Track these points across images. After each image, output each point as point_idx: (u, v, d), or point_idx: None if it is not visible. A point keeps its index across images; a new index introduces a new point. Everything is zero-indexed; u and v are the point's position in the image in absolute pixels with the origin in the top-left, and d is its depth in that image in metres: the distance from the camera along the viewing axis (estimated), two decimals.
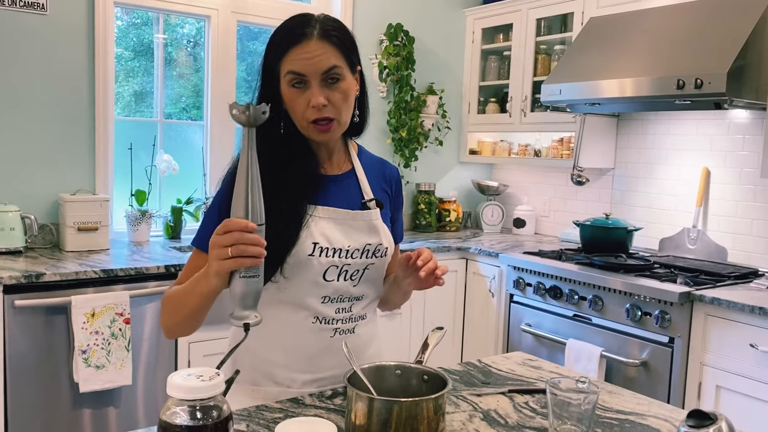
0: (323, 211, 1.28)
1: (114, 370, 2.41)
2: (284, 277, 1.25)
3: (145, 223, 3.04)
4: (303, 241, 1.24)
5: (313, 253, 1.25)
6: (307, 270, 1.25)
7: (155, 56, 3.25)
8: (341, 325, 1.29)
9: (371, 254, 1.31)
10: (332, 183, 1.32)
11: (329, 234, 1.26)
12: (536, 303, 2.98)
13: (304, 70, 1.20)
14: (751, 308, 2.25)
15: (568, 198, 3.78)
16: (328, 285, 1.27)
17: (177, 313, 1.22)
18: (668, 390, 2.49)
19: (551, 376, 1.44)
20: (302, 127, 1.25)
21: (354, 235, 1.29)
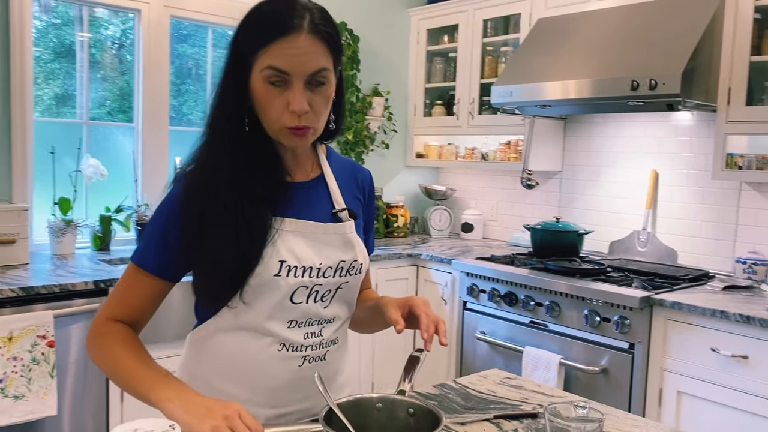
0: (291, 224, 1.11)
1: (36, 400, 2.15)
2: (243, 303, 1.08)
3: (70, 233, 2.78)
4: (268, 260, 1.07)
5: (279, 273, 1.08)
6: (272, 292, 1.08)
7: (77, 57, 2.98)
8: (311, 351, 1.13)
9: (345, 272, 1.15)
10: (299, 191, 1.15)
11: (298, 250, 1.10)
12: (491, 310, 2.89)
13: (289, 67, 1.02)
14: (712, 312, 2.22)
15: (515, 202, 3.72)
16: (296, 308, 1.11)
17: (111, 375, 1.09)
18: (629, 397, 2.44)
19: (535, 396, 1.32)
20: (273, 130, 1.07)
21: (326, 251, 1.13)
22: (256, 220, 1.06)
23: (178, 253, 1.07)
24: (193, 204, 1.06)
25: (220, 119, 1.08)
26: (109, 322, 1.09)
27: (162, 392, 0.98)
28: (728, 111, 2.57)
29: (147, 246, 1.10)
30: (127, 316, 1.10)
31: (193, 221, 1.05)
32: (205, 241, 1.04)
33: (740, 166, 2.62)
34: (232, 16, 3.30)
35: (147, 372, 1.03)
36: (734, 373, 2.19)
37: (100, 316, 1.11)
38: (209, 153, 1.08)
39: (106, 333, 1.09)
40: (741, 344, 2.18)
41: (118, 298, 1.11)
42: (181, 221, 1.06)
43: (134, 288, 1.10)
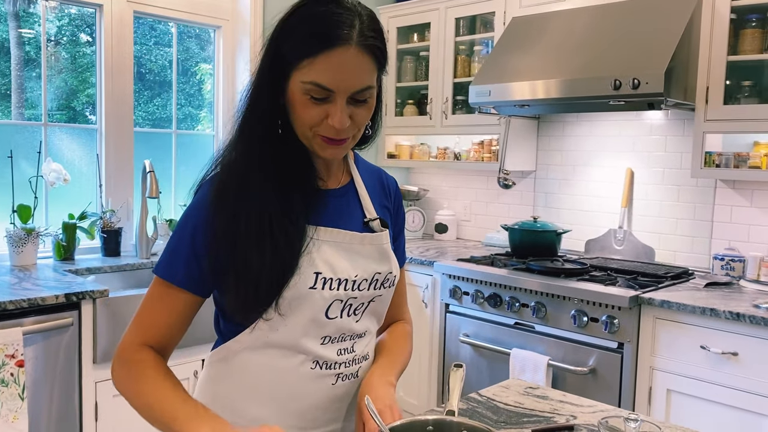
0: (326, 234, 1.04)
1: (5, 424, 1.99)
2: (279, 315, 1.00)
3: (32, 243, 2.60)
4: (303, 271, 0.99)
5: (315, 286, 1.00)
6: (307, 306, 1.00)
7: (12, 55, 2.77)
8: (344, 369, 1.06)
9: (380, 285, 1.08)
10: (332, 198, 1.08)
11: (333, 261, 1.03)
12: (474, 312, 2.85)
13: (333, 85, 0.94)
14: (702, 310, 2.23)
15: (489, 201, 3.70)
16: (330, 323, 1.03)
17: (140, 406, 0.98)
18: (618, 396, 2.43)
19: (564, 407, 1.28)
20: (305, 136, 0.99)
21: (361, 263, 1.06)
22: (291, 228, 0.98)
23: (208, 264, 0.98)
24: (224, 210, 0.97)
25: (251, 120, 1.00)
26: (138, 349, 1.00)
27: (198, 428, 0.88)
28: (706, 110, 2.60)
29: (173, 257, 1.00)
30: (157, 339, 1.01)
31: (225, 229, 0.97)
32: (238, 251, 0.96)
33: (718, 164, 2.66)
34: (198, 12, 3.17)
35: (181, 406, 0.94)
36: (724, 370, 2.21)
37: (127, 341, 1.01)
38: (240, 156, 1.00)
39: (136, 361, 0.99)
40: (730, 341, 2.20)
41: (146, 319, 1.01)
42: (211, 229, 0.98)
43: (162, 305, 1.00)
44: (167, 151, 3.24)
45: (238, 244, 0.96)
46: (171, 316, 1.00)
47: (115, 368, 1.01)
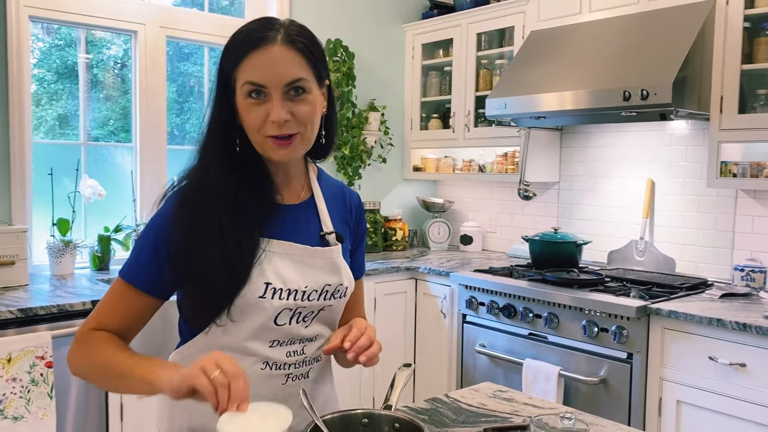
0: (279, 246, 1.12)
1: (35, 421, 2.16)
2: (231, 321, 1.08)
3: (69, 254, 2.79)
4: (254, 281, 1.08)
5: (264, 295, 1.08)
6: (257, 313, 1.08)
7: (80, 78, 3.01)
8: (294, 369, 1.14)
9: (330, 295, 1.16)
10: (289, 213, 1.16)
11: (284, 273, 1.10)
12: (490, 322, 2.89)
13: (263, 79, 1.04)
14: (708, 320, 2.21)
15: (514, 213, 3.73)
16: (279, 329, 1.11)
17: (100, 377, 1.08)
18: (629, 407, 2.43)
19: (525, 408, 1.33)
20: (257, 143, 1.08)
21: (312, 275, 1.14)
22: (244, 240, 1.06)
23: (167, 269, 1.07)
24: (183, 221, 1.07)
25: (210, 138, 1.10)
26: (93, 331, 1.09)
27: (155, 371, 0.98)
28: (721, 119, 2.58)
29: (136, 261, 1.10)
30: (113, 330, 1.10)
31: (183, 238, 1.06)
32: (193, 259, 1.05)
33: (735, 174, 2.63)
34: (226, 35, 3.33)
35: (134, 359, 1.03)
36: (732, 382, 2.19)
37: (85, 327, 1.10)
38: (200, 171, 1.09)
39: (90, 338, 1.08)
40: (738, 352, 2.18)
41: (105, 311, 1.10)
42: (171, 238, 1.06)
43: (122, 303, 1.10)
44: None
45: (195, 253, 1.05)
46: (127, 313, 1.10)
47: (71, 350, 1.10)
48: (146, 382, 0.99)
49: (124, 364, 1.03)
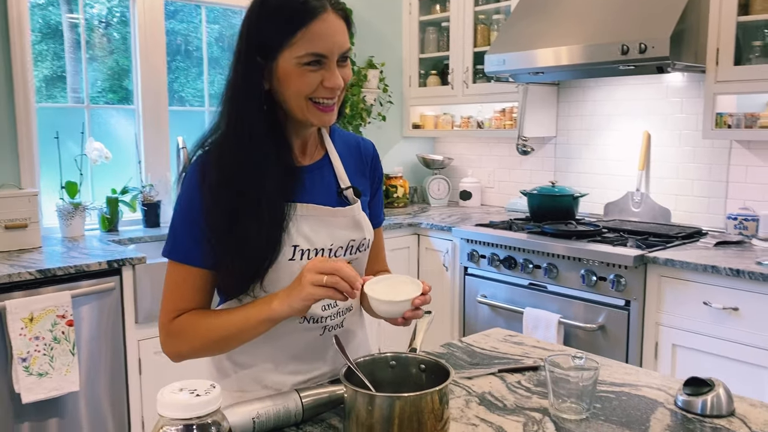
0: (301, 209, 1.15)
1: (59, 377, 2.25)
2: (264, 291, 1.13)
3: (79, 216, 2.85)
4: (283, 246, 1.12)
5: (293, 257, 1.13)
6: (288, 275, 1.12)
7: (66, 38, 3.00)
8: (329, 321, 1.20)
9: (355, 250, 1.22)
10: (306, 175, 1.19)
11: (310, 234, 1.15)
12: (491, 274, 2.98)
13: (326, 49, 1.05)
14: (703, 267, 2.31)
15: (512, 168, 3.79)
16: None
17: (217, 347, 1.14)
18: (626, 352, 2.54)
19: (535, 351, 1.41)
20: (299, 107, 1.09)
21: (336, 233, 1.19)
22: (274, 208, 1.10)
23: (207, 241, 1.09)
24: (213, 193, 1.08)
25: (236, 104, 1.10)
26: (174, 320, 1.13)
27: (276, 305, 1.05)
28: (717, 71, 2.63)
29: (176, 239, 1.13)
30: (188, 307, 1.13)
31: (216, 210, 1.08)
32: (228, 232, 1.07)
33: (729, 125, 2.69)
34: None
35: (241, 311, 1.09)
36: (726, 325, 2.29)
37: (163, 320, 1.14)
38: (224, 138, 1.11)
39: (182, 325, 1.12)
40: (732, 297, 2.28)
41: (176, 297, 1.13)
42: (204, 211, 1.08)
43: (186, 284, 1.12)
44: (201, 127, 3.43)
45: (228, 226, 1.08)
46: (197, 291, 1.13)
47: (165, 344, 1.14)
48: (268, 322, 1.07)
49: (237, 322, 1.09)
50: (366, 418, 0.94)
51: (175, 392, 0.75)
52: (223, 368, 1.21)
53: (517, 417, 1.09)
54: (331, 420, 1.09)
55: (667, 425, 1.06)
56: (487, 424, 1.07)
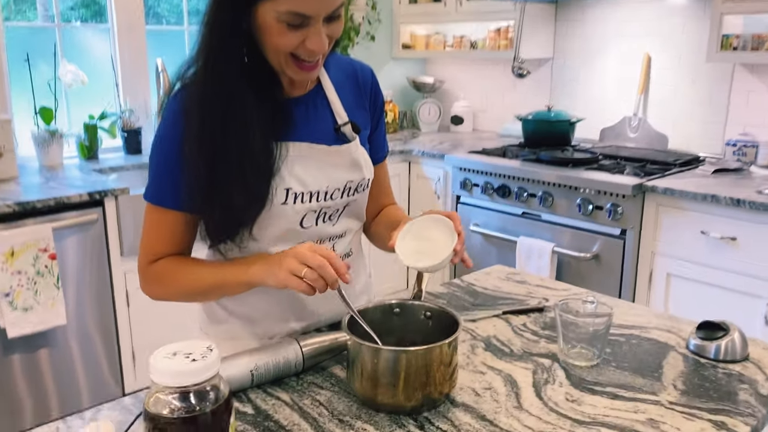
0: (294, 149, 1.05)
1: (44, 311, 2.19)
2: (254, 240, 1.06)
3: (56, 144, 2.72)
4: (274, 190, 1.03)
5: (286, 202, 1.04)
6: (280, 220, 1.05)
7: None
8: None
9: (353, 191, 1.13)
10: (297, 107, 1.07)
11: (304, 176, 1.06)
12: (484, 203, 2.92)
13: (311, 11, 0.92)
14: (703, 196, 2.26)
15: (506, 91, 3.67)
16: (306, 231, 1.09)
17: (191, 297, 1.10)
18: (620, 281, 2.53)
19: (539, 290, 1.37)
20: (277, 62, 0.98)
21: (333, 173, 1.09)
22: (260, 152, 0.99)
23: (188, 184, 1.00)
24: (193, 136, 0.98)
25: (211, 39, 0.98)
26: (152, 265, 1.06)
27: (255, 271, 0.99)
28: None
29: (155, 180, 1.04)
30: (172, 254, 1.06)
31: (196, 155, 0.98)
32: (209, 178, 0.98)
33: (735, 47, 2.58)
34: None
35: (223, 267, 1.03)
36: (722, 254, 2.27)
37: (141, 262, 1.07)
38: (202, 73, 0.99)
39: (159, 271, 1.06)
40: (730, 226, 2.24)
41: (154, 241, 1.06)
42: (183, 155, 0.99)
43: (165, 228, 1.04)
44: (181, 49, 3.26)
45: (210, 172, 0.97)
46: (176, 235, 1.05)
47: (143, 287, 1.08)
48: (245, 285, 1.02)
49: (215, 278, 1.03)
50: (371, 371, 0.90)
51: (169, 357, 0.69)
52: (215, 314, 1.15)
53: (526, 364, 1.05)
54: (333, 368, 1.04)
55: (680, 372, 1.03)
56: (495, 371, 1.03)
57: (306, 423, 0.89)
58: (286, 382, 1.00)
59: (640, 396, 0.95)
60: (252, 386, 0.98)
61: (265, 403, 0.94)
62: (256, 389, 0.98)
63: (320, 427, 0.88)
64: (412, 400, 0.89)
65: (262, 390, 0.98)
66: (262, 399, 0.95)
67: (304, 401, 0.95)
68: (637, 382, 0.99)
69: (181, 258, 1.07)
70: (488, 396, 0.96)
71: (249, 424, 0.89)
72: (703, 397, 0.95)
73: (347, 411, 0.92)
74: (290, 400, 0.95)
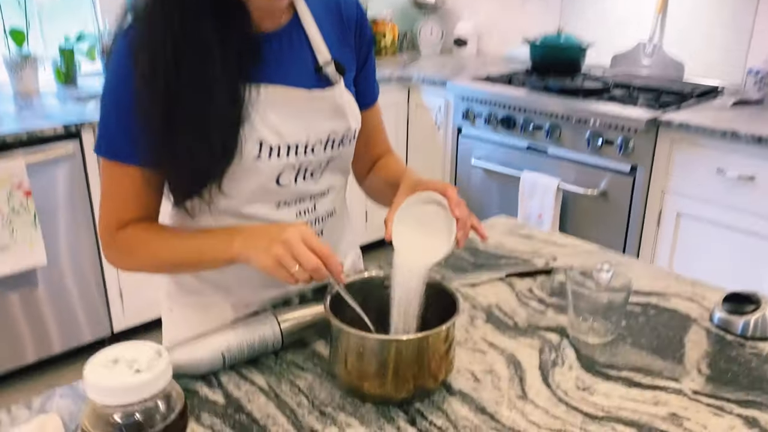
0: (267, 93, 0.89)
1: (23, 251, 2.09)
2: (224, 196, 0.92)
3: (30, 68, 2.53)
4: (244, 143, 0.88)
5: (259, 155, 0.90)
6: (253, 176, 0.91)
7: None
8: None
9: (338, 144, 0.98)
10: (269, 44, 0.91)
11: (279, 126, 0.90)
12: (487, 135, 2.76)
13: None
14: (722, 133, 2.11)
15: (513, 12, 3.42)
16: (283, 189, 0.95)
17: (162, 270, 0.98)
18: (627, 220, 2.41)
19: (546, 247, 1.25)
20: None
21: (313, 123, 0.94)
22: (224, 96, 0.84)
23: (143, 136, 0.85)
24: (145, 81, 0.82)
25: None
26: (117, 231, 0.92)
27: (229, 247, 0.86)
28: None
29: (107, 131, 0.89)
30: (133, 216, 0.92)
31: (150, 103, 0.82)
32: (165, 131, 0.83)
33: None
34: None
35: (198, 239, 0.90)
36: (739, 195, 2.14)
37: (104, 229, 0.93)
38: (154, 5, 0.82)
39: (122, 240, 0.92)
40: (749, 165, 2.10)
41: (116, 206, 0.92)
42: (136, 103, 0.83)
43: (126, 188, 0.90)
44: None
45: (165, 124, 0.83)
46: (140, 196, 0.91)
47: (108, 256, 0.96)
48: (226, 261, 0.88)
49: (190, 251, 0.90)
50: (356, 359, 0.79)
51: (107, 367, 0.58)
52: (185, 282, 1.03)
53: (531, 339, 0.95)
54: (316, 344, 0.94)
55: (705, 351, 0.92)
56: (496, 350, 0.92)
57: (283, 416, 0.79)
58: (263, 362, 0.89)
59: (660, 383, 0.85)
60: (225, 368, 0.87)
61: (238, 389, 0.84)
62: (229, 371, 0.87)
63: (298, 420, 0.78)
64: (402, 391, 0.79)
65: (236, 372, 0.87)
66: (235, 384, 0.85)
67: (282, 387, 0.84)
68: (656, 364, 0.89)
69: (153, 226, 0.94)
70: (489, 382, 0.85)
71: (218, 417, 0.79)
72: (731, 384, 0.85)
73: (330, 400, 0.82)
74: (267, 386, 0.84)
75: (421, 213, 0.86)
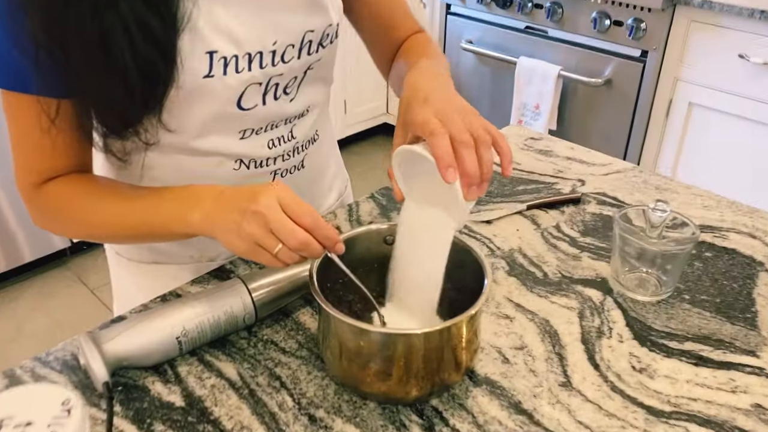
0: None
1: None
2: (167, 132, 0.68)
3: None
4: (188, 57, 0.63)
5: (211, 72, 0.66)
6: (206, 101, 0.67)
7: None
8: (282, 163, 0.78)
9: (317, 46, 0.73)
10: None
11: (234, 28, 0.66)
12: (479, 14, 2.47)
13: None
14: (750, 12, 1.85)
15: None
16: (248, 114, 0.71)
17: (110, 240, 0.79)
18: (633, 110, 2.20)
19: (571, 166, 1.04)
20: None
21: (281, 21, 0.69)
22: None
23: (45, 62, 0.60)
24: None
25: None
26: (43, 187, 0.69)
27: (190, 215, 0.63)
28: None
29: (2, 59, 0.63)
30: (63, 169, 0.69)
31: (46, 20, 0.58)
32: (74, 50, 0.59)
33: None
34: None
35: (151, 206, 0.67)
36: (761, 83, 1.92)
37: (26, 185, 0.70)
38: None
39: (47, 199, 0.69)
40: None
41: (24, 153, 0.68)
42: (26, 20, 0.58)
43: (29, 126, 0.65)
44: None
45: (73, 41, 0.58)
46: (58, 140, 0.66)
47: (32, 216, 0.72)
48: (182, 235, 0.67)
49: (134, 220, 0.67)
50: (354, 352, 0.60)
51: None
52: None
53: (567, 299, 0.76)
54: (299, 314, 0.75)
55: None
56: (525, 314, 0.74)
57: (260, 425, 0.61)
58: (234, 342, 0.70)
59: (733, 358, 0.68)
60: (183, 355, 0.68)
61: (200, 385, 0.65)
62: (188, 356, 0.68)
63: (281, 430, 0.60)
64: (414, 389, 0.61)
65: (197, 358, 0.68)
66: (196, 377, 0.66)
67: (259, 380, 0.66)
68: (725, 330, 0.71)
69: (84, 180, 0.70)
70: (521, 363, 0.67)
71: (175, 428, 0.60)
72: None
73: (321, 398, 0.64)
74: (238, 379, 0.66)
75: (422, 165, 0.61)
